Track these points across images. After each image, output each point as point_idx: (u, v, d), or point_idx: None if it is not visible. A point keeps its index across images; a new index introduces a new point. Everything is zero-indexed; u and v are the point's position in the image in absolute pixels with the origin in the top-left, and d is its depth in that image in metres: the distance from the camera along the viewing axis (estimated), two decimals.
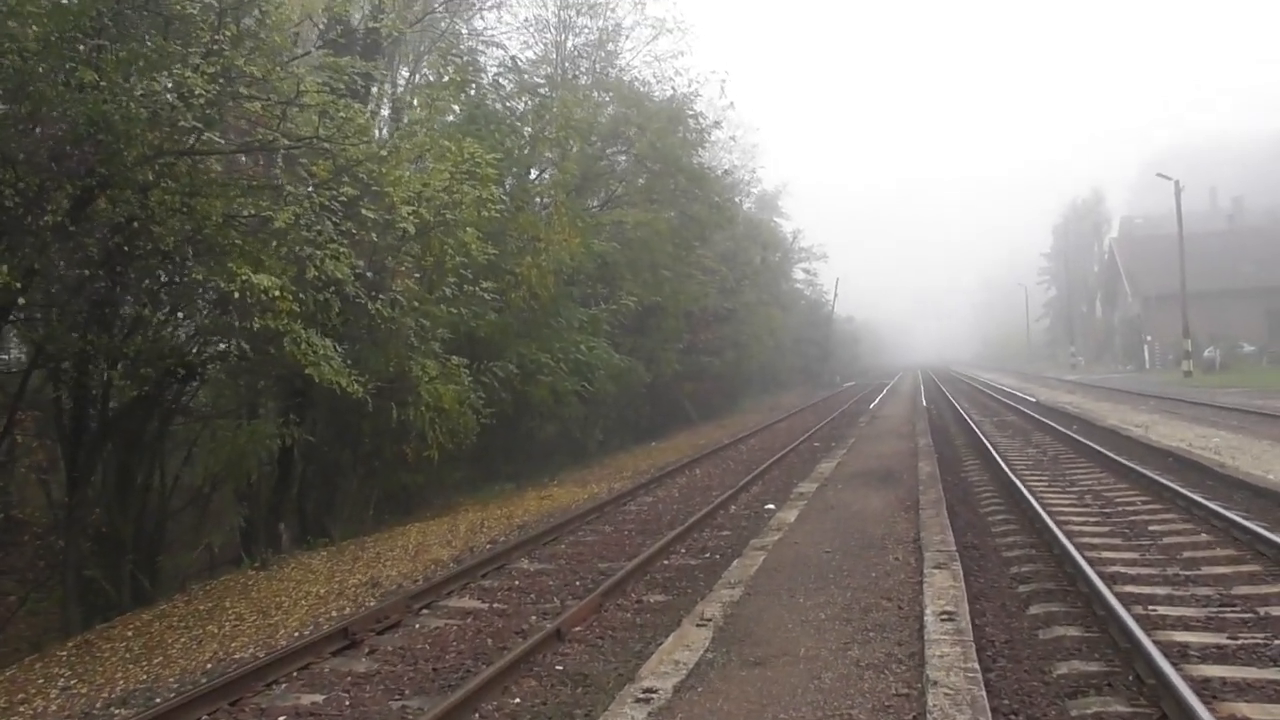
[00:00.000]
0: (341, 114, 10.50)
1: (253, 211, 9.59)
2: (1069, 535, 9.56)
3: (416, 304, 13.28)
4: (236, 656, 7.77)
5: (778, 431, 28.53)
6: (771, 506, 13.36)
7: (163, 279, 10.57)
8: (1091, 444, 17.64)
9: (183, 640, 8.97)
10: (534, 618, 8.11)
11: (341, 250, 10.47)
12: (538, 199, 22.13)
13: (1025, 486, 12.89)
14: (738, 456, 21.53)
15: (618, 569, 9.62)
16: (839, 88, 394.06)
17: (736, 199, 40.07)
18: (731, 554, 10.08)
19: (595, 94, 26.22)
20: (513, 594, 9.10)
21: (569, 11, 27.17)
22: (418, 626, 8.04)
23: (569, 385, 18.86)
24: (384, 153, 12.02)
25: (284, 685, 6.65)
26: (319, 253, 10.07)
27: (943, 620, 6.37)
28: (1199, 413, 24.02)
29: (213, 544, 14.16)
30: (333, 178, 10.65)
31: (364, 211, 10.96)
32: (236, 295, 8.98)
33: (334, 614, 9.05)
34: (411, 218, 12.18)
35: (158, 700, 6.64)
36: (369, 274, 12.30)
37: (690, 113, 27.65)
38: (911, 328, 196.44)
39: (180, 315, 10.86)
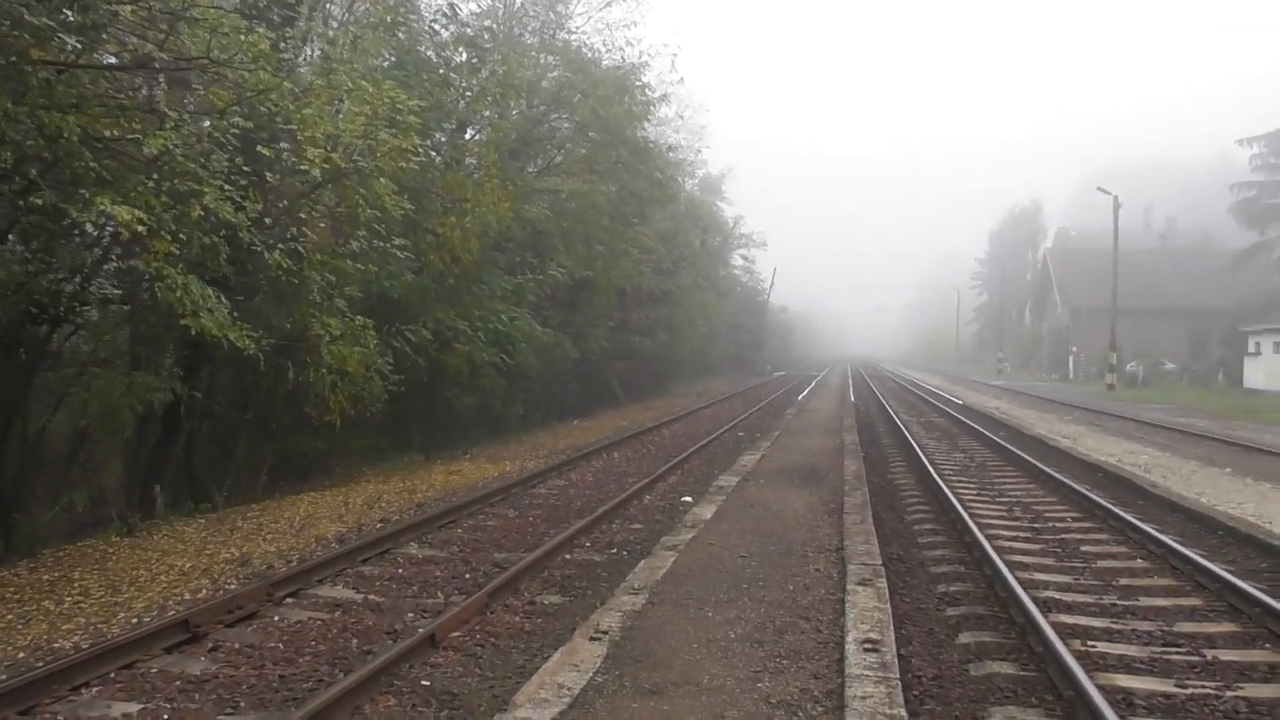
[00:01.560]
0: (241, 35, 9.33)
1: (117, 134, 8.39)
2: (999, 552, 8.95)
3: (322, 257, 12.14)
4: (57, 645, 6.72)
5: (704, 418, 27.86)
6: (689, 499, 12.59)
7: None
8: (1020, 453, 17.23)
9: (8, 618, 7.85)
10: (410, 615, 7.19)
11: (229, 190, 9.32)
12: (470, 160, 21.02)
13: (953, 494, 12.33)
14: (660, 442, 20.76)
15: (514, 562, 8.74)
16: (789, 67, 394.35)
17: (680, 179, 39.19)
18: (640, 552, 9.27)
19: (541, 57, 25.08)
20: (393, 584, 8.16)
21: None
22: (276, 619, 7.06)
23: (487, 356, 17.81)
24: (293, 87, 10.85)
25: (96, 689, 5.63)
26: (204, 190, 8.91)
27: (866, 650, 5.61)
28: (1125, 427, 23.95)
29: (75, 503, 12.88)
30: (229, 108, 9.47)
31: (260, 149, 9.81)
32: (90, 229, 7.82)
33: (187, 596, 8.03)
34: (320, 162, 11.06)
35: None
36: (268, 221, 11.13)
37: (638, 83, 26.63)
38: (844, 320, 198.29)
39: (31, 248, 9.51)
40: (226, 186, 9.29)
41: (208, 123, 9.33)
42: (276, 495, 15.46)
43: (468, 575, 8.48)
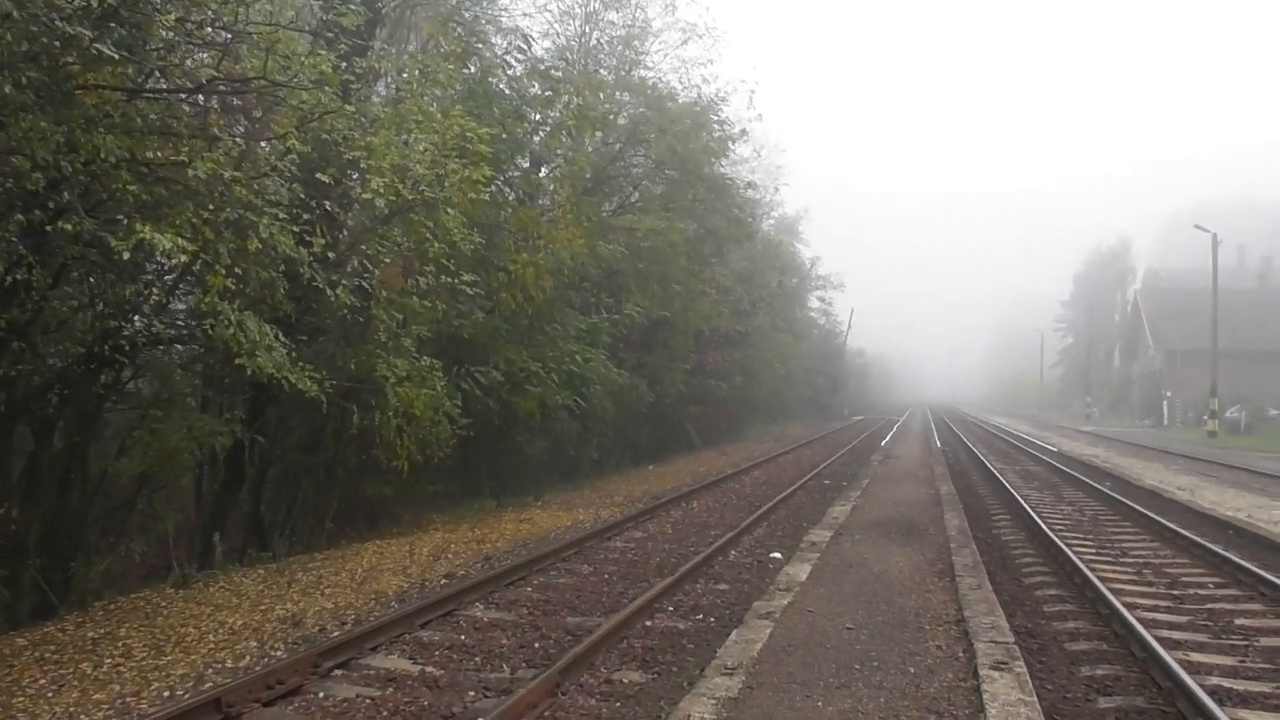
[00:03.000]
0: (303, 59, 8.75)
1: (163, 156, 7.80)
2: (1145, 625, 7.75)
3: (389, 295, 11.50)
4: None
5: (784, 465, 26.67)
6: (778, 556, 11.54)
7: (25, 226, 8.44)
8: (1134, 505, 15.82)
9: (40, 682, 7.18)
10: (471, 694, 6.30)
11: (286, 221, 8.69)
12: (545, 199, 20.46)
13: (1073, 554, 11.08)
14: (741, 490, 19.68)
15: (589, 629, 7.82)
16: (867, 106, 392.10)
17: (756, 218, 38.27)
18: (730, 619, 8.26)
19: (617, 93, 24.52)
20: (454, 654, 7.28)
21: (596, 2, 25.58)
22: (320, 696, 6.22)
23: (560, 398, 16.98)
24: (359, 115, 10.28)
25: None
26: (259, 220, 8.29)
27: None
28: (1239, 478, 22.14)
29: (134, 551, 12.32)
30: (287, 133, 8.87)
31: (319, 176, 9.19)
32: (126, 257, 7.20)
33: (229, 663, 7.26)
34: (386, 193, 10.43)
35: None
36: (331, 256, 10.52)
37: (716, 119, 25.88)
38: (920, 363, 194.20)
39: (72, 281, 8.92)
40: (282, 216, 8.65)
41: (265, 146, 8.72)
42: (342, 543, 14.80)
43: (537, 644, 7.57)
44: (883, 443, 35.81)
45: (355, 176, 11.98)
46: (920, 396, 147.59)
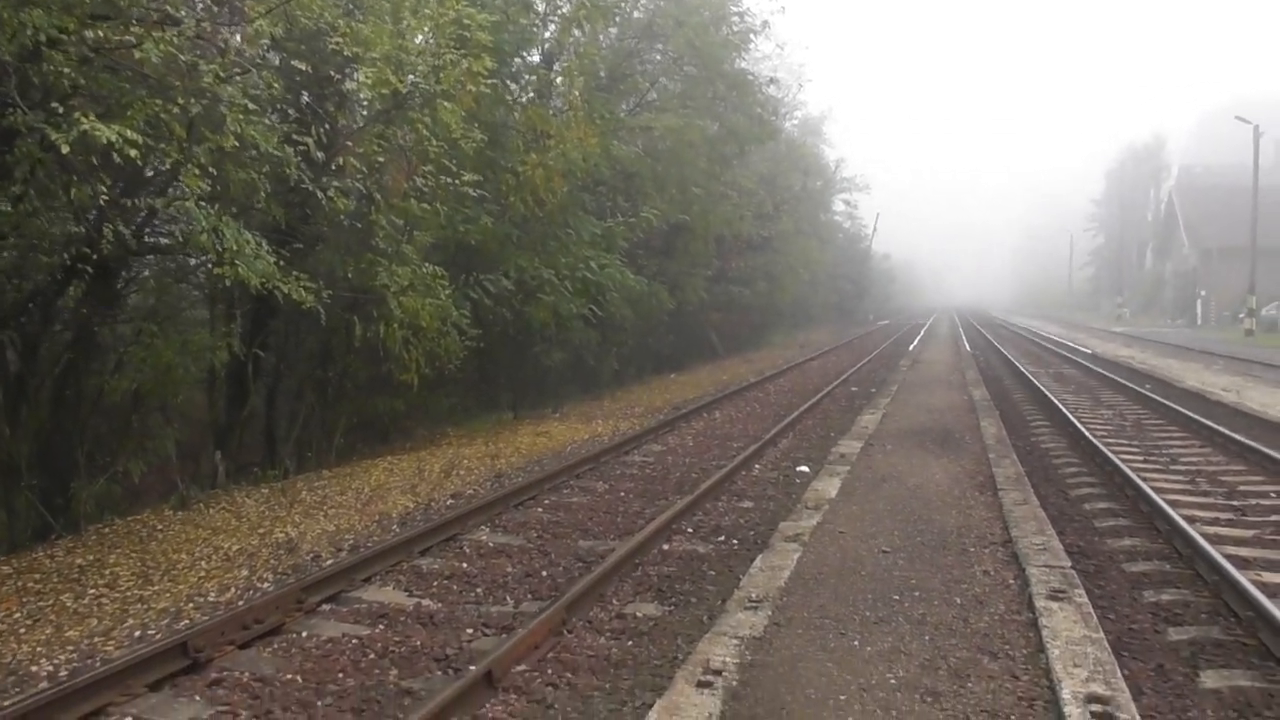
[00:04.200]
0: None
1: (104, 36, 6.94)
2: (1210, 541, 7.06)
3: (380, 196, 10.69)
4: (33, 670, 5.45)
5: (809, 371, 25.96)
6: (805, 470, 10.90)
7: None
8: (1179, 408, 15.01)
9: (15, 616, 6.70)
10: (470, 631, 5.71)
11: (254, 110, 7.84)
12: (557, 101, 19.38)
13: (1121, 461, 10.37)
14: (765, 399, 19.01)
15: (601, 554, 7.22)
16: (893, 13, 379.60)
17: (779, 118, 36.73)
18: (754, 542, 7.65)
19: None
20: (453, 585, 6.69)
21: None
22: (303, 636, 5.65)
23: (574, 307, 16.17)
24: None
25: None
26: (229, 115, 7.46)
27: None
28: None
29: (131, 472, 11.83)
30: (256, 16, 7.95)
31: (296, 64, 8.31)
32: (66, 152, 6.40)
33: (212, 595, 6.73)
34: (376, 85, 9.56)
35: None
36: (321, 156, 9.68)
37: (736, 10, 24.49)
38: (945, 266, 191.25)
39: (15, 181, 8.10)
40: (253, 108, 7.80)
41: (235, 34, 7.85)
42: (352, 460, 14.32)
43: (544, 572, 6.97)
44: (910, 347, 34.97)
45: (347, 71, 11.06)
46: (947, 301, 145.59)
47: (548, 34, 18.81)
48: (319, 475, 12.60)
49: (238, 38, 8.23)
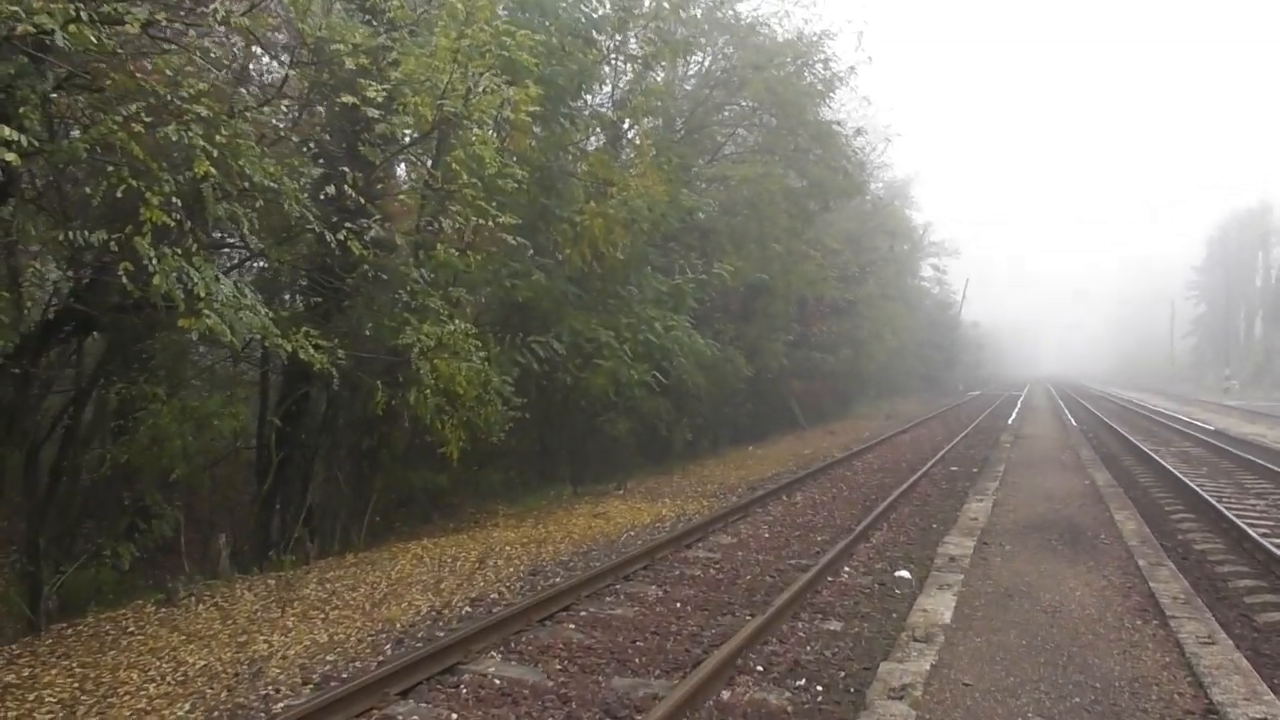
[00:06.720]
0: None
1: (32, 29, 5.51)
2: None
3: (406, 231, 9.17)
4: None
5: (901, 446, 23.70)
6: (907, 575, 8.88)
7: None
8: None
9: None
10: None
11: (224, 120, 6.39)
12: (627, 148, 17.96)
13: None
14: (852, 478, 16.91)
15: (637, 704, 5.36)
16: (971, 69, 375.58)
17: (865, 173, 34.89)
18: (845, 691, 5.71)
19: (706, 27, 21.67)
20: None
21: None
22: None
23: (635, 373, 14.37)
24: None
25: None
26: (168, 127, 5.99)
27: None
28: None
29: (120, 556, 10.35)
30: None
31: (262, 55, 6.89)
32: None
33: None
34: (380, 94, 8.09)
35: None
36: (329, 191, 8.23)
37: (820, 56, 22.87)
38: (1037, 337, 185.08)
39: None
40: (204, 114, 6.31)
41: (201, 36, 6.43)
42: (388, 540, 12.73)
43: None
44: (1009, 420, 32.36)
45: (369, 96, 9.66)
46: (1037, 371, 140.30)
47: (620, 78, 17.41)
48: (341, 561, 11.05)
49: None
